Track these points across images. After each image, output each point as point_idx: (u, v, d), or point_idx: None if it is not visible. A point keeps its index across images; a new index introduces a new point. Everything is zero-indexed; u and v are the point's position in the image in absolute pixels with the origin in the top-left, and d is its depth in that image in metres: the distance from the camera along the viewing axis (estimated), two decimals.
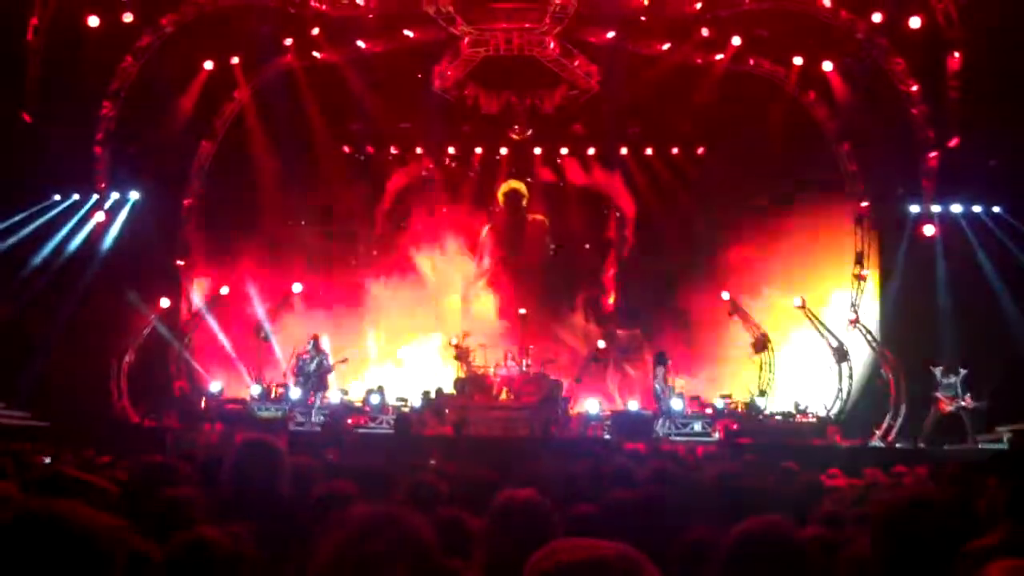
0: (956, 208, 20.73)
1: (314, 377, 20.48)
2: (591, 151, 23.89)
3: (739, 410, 21.07)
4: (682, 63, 21.46)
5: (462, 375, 21.54)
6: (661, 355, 21.19)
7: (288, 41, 21.62)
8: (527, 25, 21.21)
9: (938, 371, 18.68)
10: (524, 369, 21.58)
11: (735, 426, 19.92)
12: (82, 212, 21.39)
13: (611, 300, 24.66)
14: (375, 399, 20.92)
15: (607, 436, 19.33)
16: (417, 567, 2.32)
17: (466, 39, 21.52)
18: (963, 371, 18.49)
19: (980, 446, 17.51)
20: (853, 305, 21.84)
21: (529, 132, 23.40)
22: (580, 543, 2.23)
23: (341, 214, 24.81)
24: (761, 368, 22.37)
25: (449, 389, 21.16)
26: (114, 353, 20.54)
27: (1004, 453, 16.57)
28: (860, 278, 21.93)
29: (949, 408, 18.48)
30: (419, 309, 23.73)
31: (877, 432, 19.76)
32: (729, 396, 21.45)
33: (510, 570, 2.73)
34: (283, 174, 23.34)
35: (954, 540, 3.52)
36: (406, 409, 20.72)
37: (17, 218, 20.71)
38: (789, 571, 3.19)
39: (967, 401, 18.33)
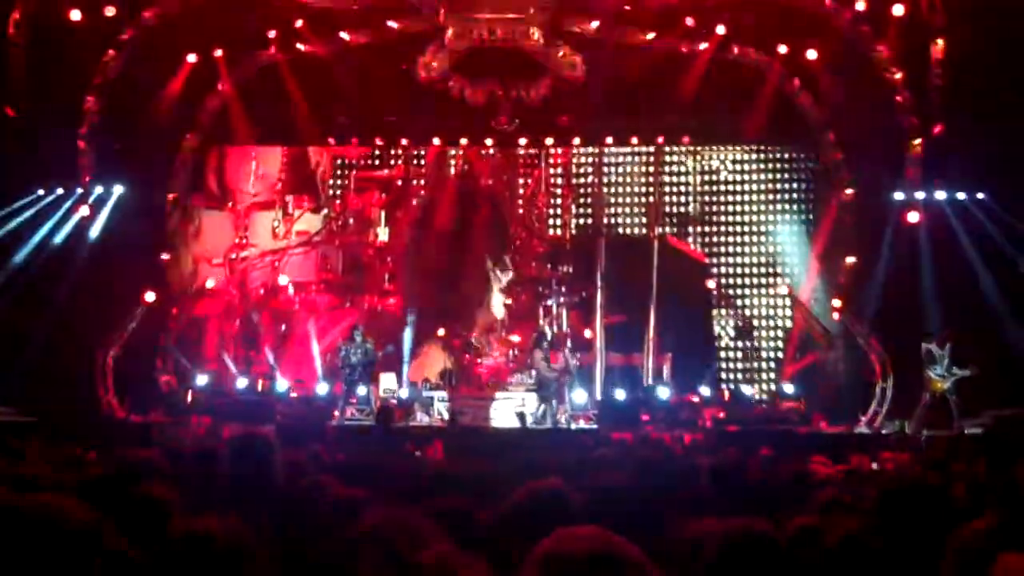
0: (940, 195, 20.79)
1: (360, 369, 20.28)
2: (576, 141, 23.82)
3: (725, 398, 21.15)
4: (667, 52, 21.46)
5: (449, 366, 21.57)
6: (539, 337, 21.05)
7: (272, 33, 21.56)
8: (511, 15, 21.18)
9: (932, 347, 18.62)
10: (510, 359, 21.61)
11: (722, 414, 20.00)
12: (66, 206, 21.31)
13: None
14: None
15: (594, 426, 19.37)
16: None
17: (450, 30, 21.48)
18: (948, 345, 18.51)
19: (966, 431, 17.59)
20: (838, 292, 21.90)
21: (515, 123, 23.36)
22: (586, 533, 2.24)
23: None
24: (746, 355, 22.46)
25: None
26: (100, 348, 20.49)
27: (985, 436, 16.69)
28: (845, 265, 22.00)
29: (944, 385, 18.45)
30: None
31: (863, 418, 19.84)
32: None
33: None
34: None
35: (936, 522, 3.55)
36: (394, 401, 20.74)
37: (0, 213, 20.64)
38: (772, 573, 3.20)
39: (959, 371, 18.26)
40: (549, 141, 23.87)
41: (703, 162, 23.41)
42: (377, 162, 24.22)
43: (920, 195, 20.76)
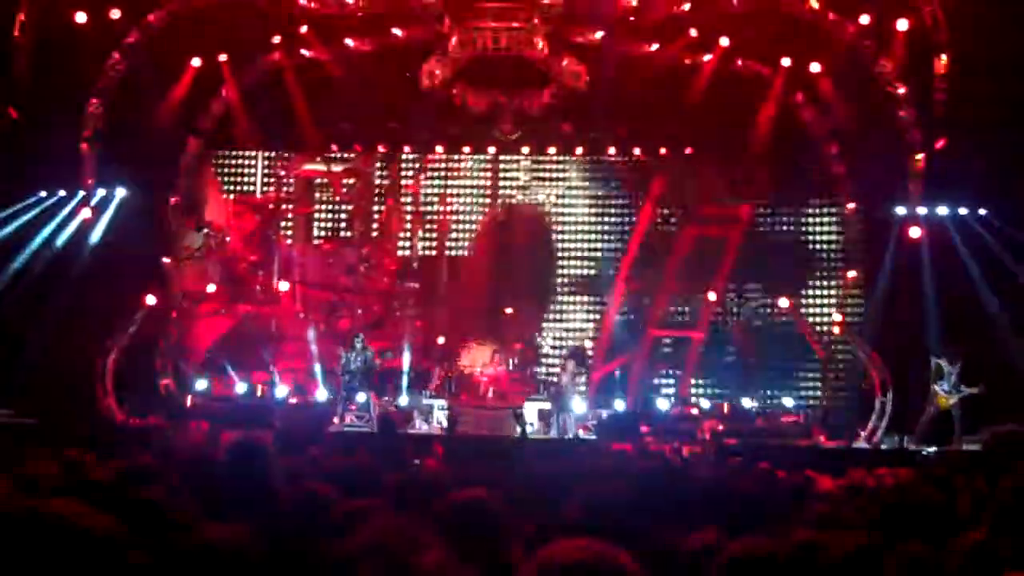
0: (942, 210, 20.78)
1: (359, 376, 20.30)
2: (579, 151, 23.89)
3: (725, 411, 21.14)
4: (670, 64, 21.49)
5: (449, 374, 21.60)
6: (576, 351, 21.50)
7: (276, 39, 21.58)
8: (515, 24, 21.23)
9: (943, 363, 18.66)
10: (511, 368, 21.63)
11: (721, 427, 19.99)
12: (69, 209, 21.30)
13: None
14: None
15: (593, 436, 19.37)
16: None
17: (454, 38, 21.52)
18: (959, 362, 18.56)
19: (964, 447, 17.58)
20: (839, 306, 21.92)
21: (517, 132, 23.41)
22: (580, 543, 2.23)
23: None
24: (746, 368, 22.47)
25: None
26: (99, 351, 20.47)
27: (983, 452, 16.67)
28: (847, 279, 22.02)
29: (950, 401, 18.48)
30: None
31: (862, 433, 19.83)
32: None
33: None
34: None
35: (938, 537, 3.55)
36: (393, 408, 20.75)
37: (2, 215, 20.64)
38: None
39: (966, 389, 18.33)
40: (552, 150, 23.90)
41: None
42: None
43: (922, 210, 20.77)
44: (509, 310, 23.08)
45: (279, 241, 24.61)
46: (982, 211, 20.56)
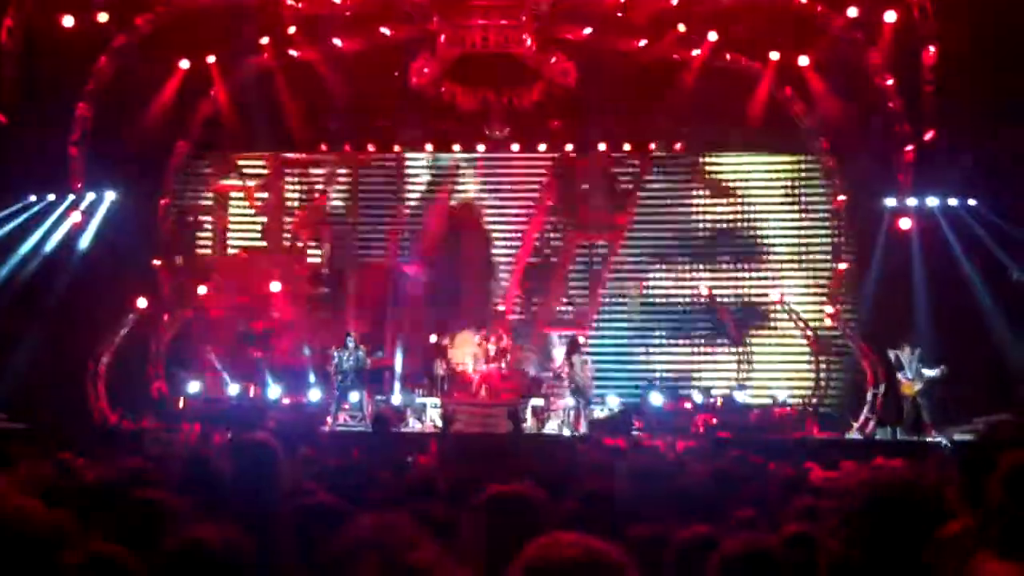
0: (932, 201, 20.82)
1: (352, 375, 20.27)
2: (569, 147, 23.85)
3: (718, 404, 21.15)
4: (659, 59, 21.49)
5: (441, 372, 21.58)
6: (575, 344, 21.28)
7: (264, 39, 21.53)
8: (504, 22, 21.21)
9: (899, 353, 18.84)
10: (503, 366, 21.62)
11: (714, 420, 20.01)
12: (58, 212, 21.25)
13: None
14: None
15: (587, 431, 19.37)
16: None
17: (443, 36, 21.50)
18: (912, 348, 18.72)
19: (955, 437, 17.62)
20: (831, 299, 21.95)
21: (507, 130, 23.37)
22: (569, 539, 2.23)
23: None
24: (739, 361, 22.51)
25: None
26: (91, 354, 20.44)
27: (977, 442, 16.69)
28: (837, 272, 22.05)
29: (915, 388, 18.59)
30: None
31: (855, 424, 19.88)
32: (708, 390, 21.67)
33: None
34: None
35: (928, 528, 3.55)
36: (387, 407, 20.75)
37: None
38: None
39: (928, 372, 18.46)
40: (542, 147, 23.87)
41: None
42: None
43: (912, 201, 20.82)
44: (501, 307, 23.09)
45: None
46: (971, 202, 20.61)
